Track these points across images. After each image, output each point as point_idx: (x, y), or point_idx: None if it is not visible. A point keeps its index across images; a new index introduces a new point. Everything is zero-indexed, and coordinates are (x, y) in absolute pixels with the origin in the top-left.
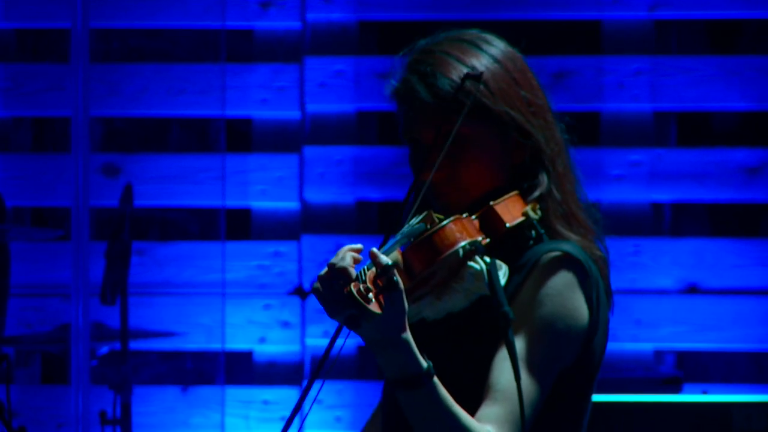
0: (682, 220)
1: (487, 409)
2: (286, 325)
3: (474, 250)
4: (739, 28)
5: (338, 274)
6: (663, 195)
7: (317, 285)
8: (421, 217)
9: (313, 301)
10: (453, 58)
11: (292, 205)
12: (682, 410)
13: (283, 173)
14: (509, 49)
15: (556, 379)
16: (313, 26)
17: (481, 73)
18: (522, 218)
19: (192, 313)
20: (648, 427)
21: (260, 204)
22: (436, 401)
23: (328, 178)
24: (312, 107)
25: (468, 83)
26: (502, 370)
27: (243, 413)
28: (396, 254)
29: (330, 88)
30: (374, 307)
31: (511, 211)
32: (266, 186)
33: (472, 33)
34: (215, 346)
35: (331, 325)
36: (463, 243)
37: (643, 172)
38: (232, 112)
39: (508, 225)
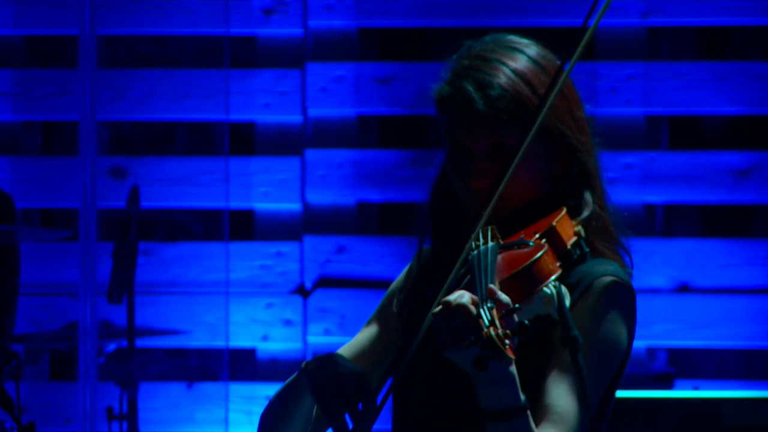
0: (674, 221)
1: (547, 431)
2: (288, 323)
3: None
4: (730, 35)
5: (460, 313)
6: (655, 197)
7: (434, 320)
8: (489, 235)
9: (314, 300)
10: (509, 69)
11: (294, 206)
12: (674, 405)
13: (285, 175)
14: (553, 57)
15: None
16: (314, 33)
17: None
18: (575, 238)
19: (196, 311)
20: (641, 422)
21: (263, 205)
22: (529, 430)
23: (329, 181)
24: (313, 111)
25: (524, 97)
26: (559, 392)
27: (246, 409)
28: (496, 284)
29: (331, 93)
30: (509, 352)
31: (566, 230)
32: (269, 188)
33: (516, 39)
34: (219, 343)
35: (332, 323)
36: (555, 275)
37: (636, 174)
38: (236, 116)
39: (567, 246)
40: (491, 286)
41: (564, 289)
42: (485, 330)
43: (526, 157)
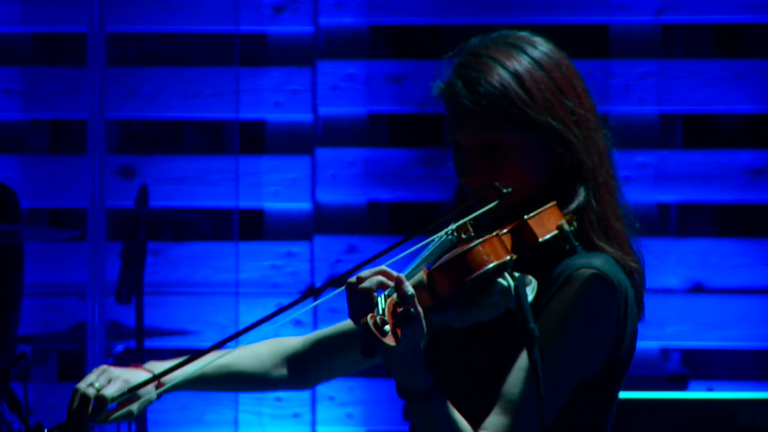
0: (688, 220)
1: (494, 418)
2: (298, 324)
3: (503, 265)
4: (744, 32)
5: (360, 295)
6: (669, 196)
7: (346, 288)
8: (454, 227)
9: (324, 301)
10: (498, 65)
11: (304, 206)
12: (688, 407)
13: (295, 175)
14: (557, 54)
15: (579, 387)
16: (325, 30)
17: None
18: (555, 232)
19: (206, 312)
20: (654, 424)
21: (273, 205)
22: (442, 415)
23: (340, 180)
24: (324, 110)
25: (511, 91)
26: (515, 381)
27: (256, 410)
28: (422, 273)
29: (342, 91)
30: (389, 339)
31: (546, 224)
32: (279, 187)
33: (522, 36)
34: (228, 344)
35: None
36: (489, 266)
37: (650, 173)
38: (246, 114)
39: (540, 240)
40: (400, 275)
41: (534, 282)
42: (364, 317)
43: (519, 153)
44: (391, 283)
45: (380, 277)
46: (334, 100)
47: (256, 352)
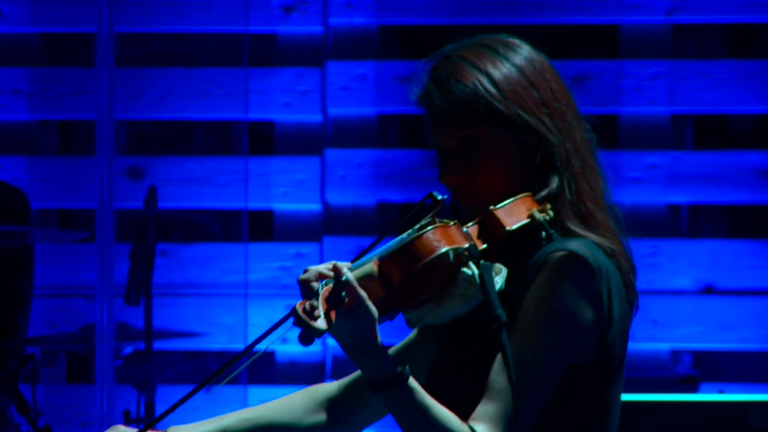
0: (699, 221)
1: (482, 408)
2: None
3: (467, 255)
4: (756, 32)
5: (300, 287)
6: (680, 197)
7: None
8: (421, 224)
9: None
10: (468, 64)
11: (313, 207)
12: (699, 409)
13: (305, 176)
14: (532, 53)
15: (574, 377)
16: (335, 30)
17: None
18: (527, 220)
19: (215, 313)
20: (665, 426)
21: (282, 206)
22: (411, 402)
23: (350, 181)
24: (334, 111)
25: (480, 87)
26: (499, 369)
27: None
28: (372, 265)
29: (351, 91)
30: (321, 323)
31: (516, 213)
32: (288, 188)
33: (494, 37)
34: (238, 346)
35: None
36: (440, 251)
37: (661, 174)
38: (255, 115)
39: (507, 229)
40: (337, 263)
41: (504, 271)
42: (297, 304)
43: (494, 148)
44: (331, 273)
45: (320, 268)
46: (344, 101)
47: (286, 402)
